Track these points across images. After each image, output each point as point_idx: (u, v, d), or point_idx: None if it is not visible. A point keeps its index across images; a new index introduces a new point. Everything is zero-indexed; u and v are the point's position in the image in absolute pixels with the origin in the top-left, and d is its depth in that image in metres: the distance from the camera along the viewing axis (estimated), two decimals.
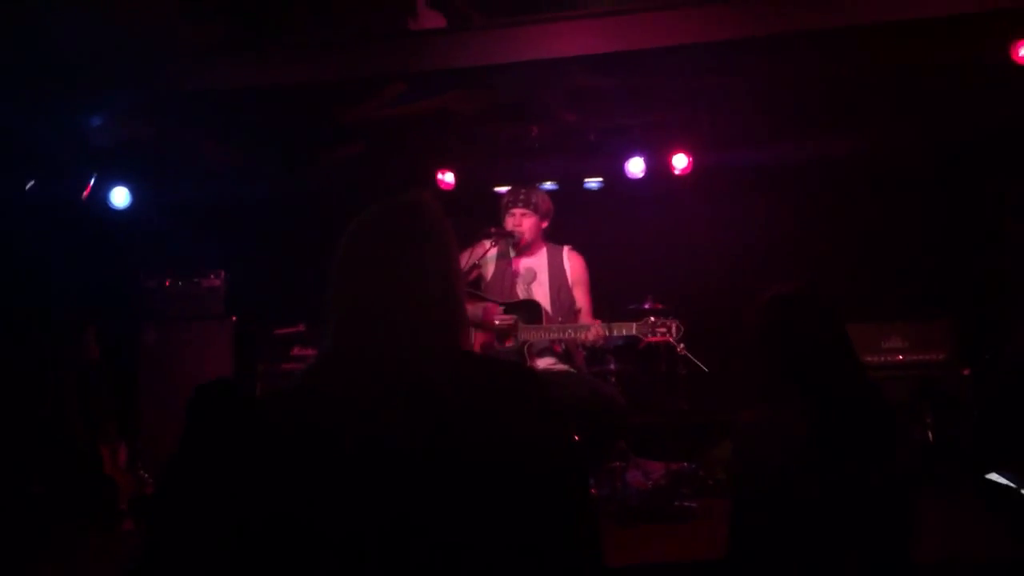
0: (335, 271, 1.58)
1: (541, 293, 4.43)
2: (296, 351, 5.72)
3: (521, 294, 4.43)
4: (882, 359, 5.09)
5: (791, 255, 5.92)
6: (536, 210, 4.49)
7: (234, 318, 5.96)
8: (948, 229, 5.83)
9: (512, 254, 4.50)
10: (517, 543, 1.40)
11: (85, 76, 4.77)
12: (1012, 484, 4.09)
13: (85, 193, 5.98)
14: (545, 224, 4.55)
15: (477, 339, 4.38)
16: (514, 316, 4.28)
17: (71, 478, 4.90)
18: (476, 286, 4.48)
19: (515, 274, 4.48)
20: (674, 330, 4.17)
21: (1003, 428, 4.47)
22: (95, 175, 5.98)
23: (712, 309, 5.41)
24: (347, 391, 1.46)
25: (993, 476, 4.23)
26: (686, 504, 4.36)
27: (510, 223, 4.47)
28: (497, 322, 4.29)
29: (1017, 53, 4.68)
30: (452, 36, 4.67)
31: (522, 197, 4.49)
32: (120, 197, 6.27)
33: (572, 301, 4.44)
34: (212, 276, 6.02)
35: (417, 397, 1.43)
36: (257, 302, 6.07)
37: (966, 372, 4.95)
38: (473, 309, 4.38)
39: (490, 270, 4.52)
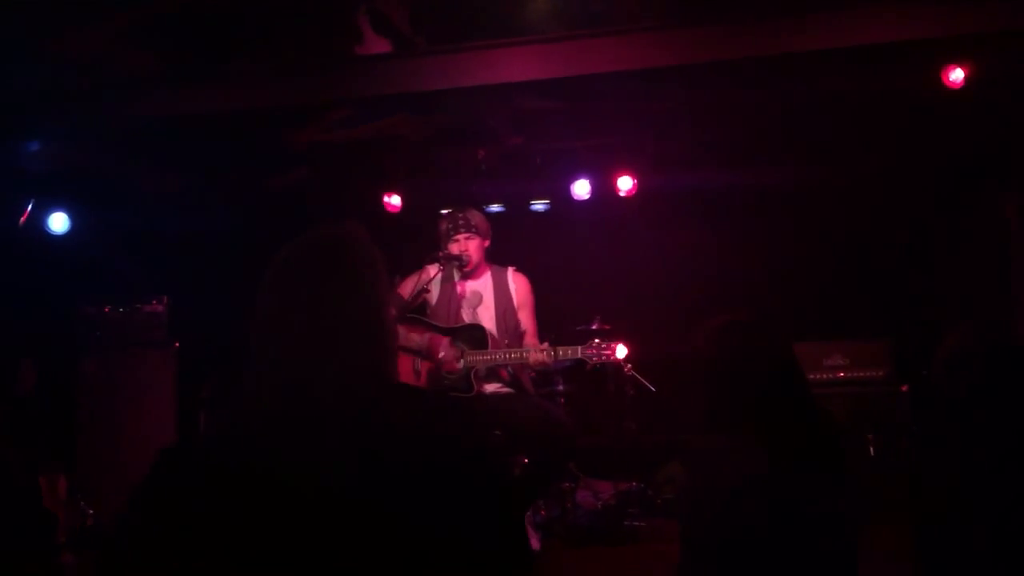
0: (258, 309, 1.54)
1: (487, 316, 4.41)
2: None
3: (467, 318, 4.41)
4: (824, 376, 5.18)
5: (736, 276, 6.00)
6: (478, 231, 4.47)
7: (177, 344, 5.85)
8: (887, 253, 5.97)
9: (457, 277, 4.48)
10: None
11: (22, 103, 4.67)
12: None
13: (22, 219, 5.85)
14: (487, 243, 4.54)
15: (423, 367, 4.36)
16: (459, 347, 4.27)
17: (7, 511, 4.75)
18: (422, 311, 4.45)
19: (460, 297, 4.45)
20: (619, 352, 4.20)
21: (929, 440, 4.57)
22: (32, 200, 5.85)
23: (659, 330, 5.45)
24: (274, 433, 1.44)
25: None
26: (635, 524, 4.40)
27: (455, 249, 4.43)
28: (442, 354, 4.29)
29: (947, 78, 4.84)
30: (398, 61, 4.68)
31: (462, 222, 4.43)
32: (59, 223, 6.15)
33: (518, 323, 4.43)
34: (154, 302, 5.89)
35: (345, 435, 1.42)
36: (201, 328, 5.97)
37: (904, 388, 5.06)
38: (419, 337, 4.36)
39: (435, 294, 4.49)
